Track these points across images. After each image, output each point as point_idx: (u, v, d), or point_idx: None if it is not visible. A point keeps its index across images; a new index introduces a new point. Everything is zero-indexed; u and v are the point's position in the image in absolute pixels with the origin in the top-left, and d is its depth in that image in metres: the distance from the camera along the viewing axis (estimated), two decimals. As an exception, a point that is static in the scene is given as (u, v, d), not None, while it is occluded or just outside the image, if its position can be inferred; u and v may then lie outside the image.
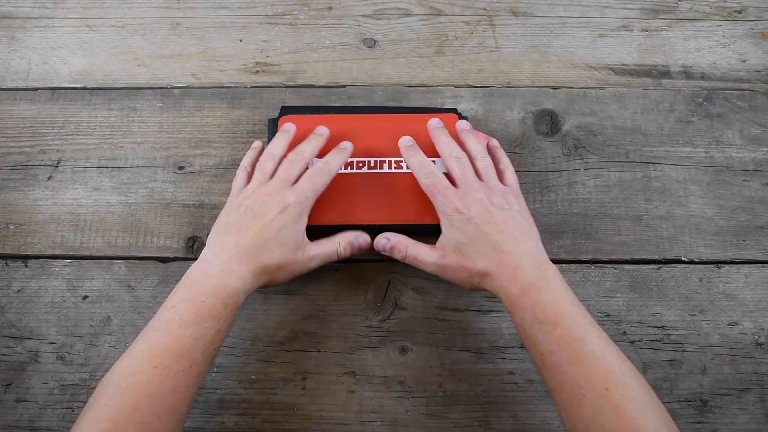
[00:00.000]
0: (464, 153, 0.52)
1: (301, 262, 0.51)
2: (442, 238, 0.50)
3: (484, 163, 0.52)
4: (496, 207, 0.48)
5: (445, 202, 0.49)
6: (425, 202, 0.52)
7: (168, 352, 0.43)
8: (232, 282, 0.46)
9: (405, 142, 0.54)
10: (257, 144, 0.58)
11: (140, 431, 0.40)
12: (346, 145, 0.54)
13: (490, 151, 0.56)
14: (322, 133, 0.55)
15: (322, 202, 0.53)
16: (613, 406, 0.40)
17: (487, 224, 0.48)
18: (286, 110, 0.59)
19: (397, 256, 0.53)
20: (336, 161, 0.53)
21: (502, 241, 0.47)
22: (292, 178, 0.51)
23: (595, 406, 0.40)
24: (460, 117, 0.59)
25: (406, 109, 0.60)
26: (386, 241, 0.53)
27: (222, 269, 0.47)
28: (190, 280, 0.47)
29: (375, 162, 0.56)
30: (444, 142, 0.53)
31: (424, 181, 0.51)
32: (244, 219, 0.49)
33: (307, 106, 0.62)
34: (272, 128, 0.58)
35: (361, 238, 0.53)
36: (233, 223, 0.49)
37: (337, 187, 0.54)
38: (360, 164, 0.56)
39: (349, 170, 0.56)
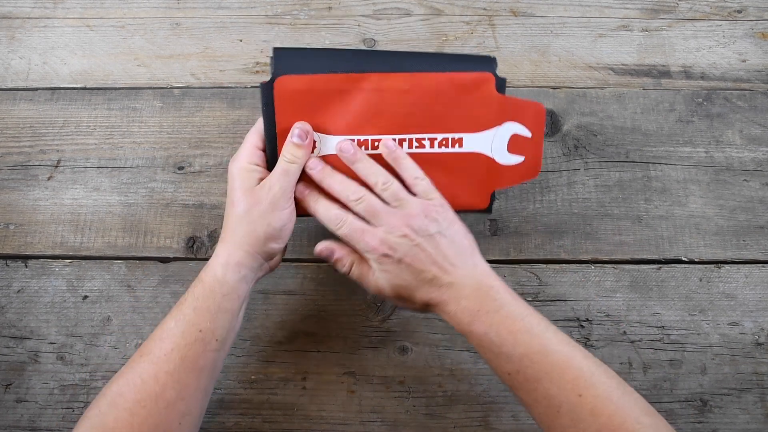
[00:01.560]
0: (361, 190, 0.47)
1: (265, 199, 0.46)
2: (376, 279, 0.47)
3: (388, 189, 0.47)
4: (421, 235, 0.45)
5: (368, 250, 0.46)
6: (452, 188, 0.48)
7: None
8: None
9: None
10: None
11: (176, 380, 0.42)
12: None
13: (394, 164, 0.48)
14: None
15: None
16: (590, 410, 0.39)
17: (418, 261, 0.45)
18: (279, 53, 0.47)
19: (341, 269, 0.49)
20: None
21: (438, 273, 0.45)
22: None
23: (572, 416, 0.40)
24: (495, 63, 0.49)
25: (433, 57, 0.49)
26: (329, 252, 0.48)
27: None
28: None
29: (374, 142, 0.48)
30: (338, 184, 0.47)
31: (338, 233, 0.47)
32: None
33: (304, 49, 0.50)
34: (266, 95, 0.47)
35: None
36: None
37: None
38: (361, 144, 0.48)
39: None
